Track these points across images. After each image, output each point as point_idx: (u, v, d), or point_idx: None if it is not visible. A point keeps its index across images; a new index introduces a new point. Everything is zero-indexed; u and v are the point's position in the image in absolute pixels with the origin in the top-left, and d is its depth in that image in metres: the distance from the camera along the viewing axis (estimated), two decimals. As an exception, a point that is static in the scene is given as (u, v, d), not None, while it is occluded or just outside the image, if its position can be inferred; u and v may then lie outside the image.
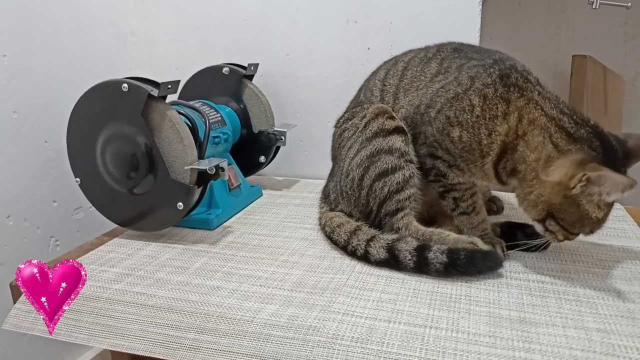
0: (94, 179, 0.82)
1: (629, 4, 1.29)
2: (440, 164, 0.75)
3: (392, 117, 0.78)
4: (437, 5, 1.02)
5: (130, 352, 0.61)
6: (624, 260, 0.73)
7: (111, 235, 0.87)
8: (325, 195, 0.91)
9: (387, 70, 0.85)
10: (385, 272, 0.71)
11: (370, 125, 0.79)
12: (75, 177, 0.84)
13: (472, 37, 1.02)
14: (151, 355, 0.60)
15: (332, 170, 0.90)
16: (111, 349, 0.62)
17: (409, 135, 0.78)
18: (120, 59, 1.21)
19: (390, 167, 0.75)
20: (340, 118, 0.90)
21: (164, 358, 0.59)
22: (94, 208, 0.85)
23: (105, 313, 0.64)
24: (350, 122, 0.85)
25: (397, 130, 0.77)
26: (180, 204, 0.78)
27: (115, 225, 0.87)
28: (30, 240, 0.97)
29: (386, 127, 0.77)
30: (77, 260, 0.77)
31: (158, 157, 0.78)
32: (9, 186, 0.93)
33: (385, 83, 0.84)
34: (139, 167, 0.79)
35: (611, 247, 0.77)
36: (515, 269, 0.71)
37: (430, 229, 0.76)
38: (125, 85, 0.76)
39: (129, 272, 0.73)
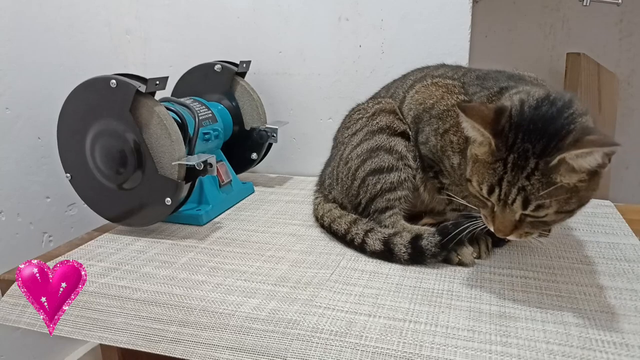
0: (84, 175, 0.83)
1: (620, 0, 1.29)
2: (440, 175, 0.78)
3: (401, 120, 0.80)
4: (429, 3, 1.03)
5: (114, 345, 0.61)
6: (609, 257, 0.73)
7: (101, 230, 0.88)
8: (321, 182, 0.92)
9: (415, 81, 0.82)
10: (369, 268, 0.71)
11: (379, 117, 0.80)
12: (66, 172, 0.85)
13: (462, 35, 1.02)
14: (134, 348, 0.60)
15: (331, 154, 0.91)
16: (95, 341, 0.63)
17: (411, 141, 0.79)
18: (114, 57, 1.22)
19: (387, 165, 0.77)
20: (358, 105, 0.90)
21: (147, 350, 0.60)
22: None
23: (90, 306, 0.65)
24: (362, 106, 0.86)
25: (403, 135, 0.78)
26: (168, 199, 0.79)
27: (107, 221, 0.88)
28: (23, 235, 0.98)
29: (394, 126, 0.78)
30: (66, 254, 0.78)
31: (146, 152, 0.78)
32: (2, 182, 0.94)
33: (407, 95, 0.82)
34: (127, 163, 0.79)
35: (598, 244, 0.77)
36: (500, 264, 0.71)
37: (417, 226, 0.77)
38: (114, 81, 0.77)
39: (116, 267, 0.73)
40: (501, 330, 0.55)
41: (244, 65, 1.07)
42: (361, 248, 0.75)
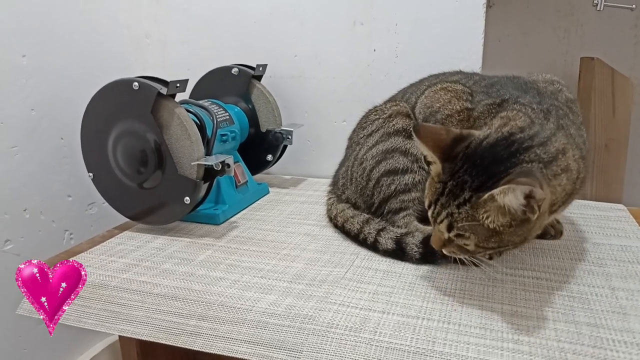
0: (106, 174, 0.86)
1: (634, 5, 1.29)
2: None
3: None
4: (442, 7, 1.04)
5: (136, 337, 0.64)
6: (621, 259, 0.73)
7: (121, 228, 0.90)
8: (335, 182, 0.94)
9: (428, 86, 0.84)
10: (383, 267, 0.72)
11: (396, 119, 0.82)
12: (88, 171, 0.87)
13: (476, 39, 1.03)
14: (155, 340, 0.62)
15: (346, 154, 0.93)
16: (118, 334, 0.65)
17: None
18: (134, 60, 1.25)
19: (401, 167, 0.78)
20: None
21: (167, 343, 0.62)
22: (106, 204, 0.89)
23: (113, 300, 0.67)
24: (379, 107, 0.88)
25: None
26: (187, 198, 0.81)
27: (126, 220, 0.91)
28: (45, 233, 1.02)
29: (410, 129, 0.79)
30: (88, 251, 0.81)
31: (166, 153, 0.81)
32: (26, 181, 0.97)
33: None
34: (148, 163, 0.82)
35: (610, 246, 0.78)
36: (512, 265, 0.72)
37: (430, 227, 0.77)
38: (136, 83, 0.79)
39: (137, 263, 0.76)
40: (513, 329, 0.56)
41: (261, 68, 1.09)
42: (374, 247, 0.77)
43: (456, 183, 0.58)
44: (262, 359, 0.57)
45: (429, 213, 0.63)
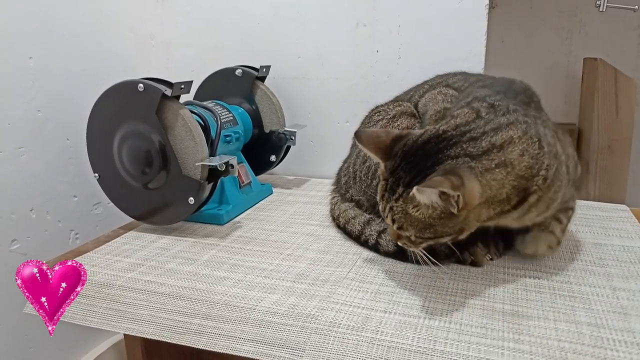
0: (111, 175, 0.87)
1: (637, 6, 1.29)
2: None
3: (421, 123, 0.82)
4: (445, 8, 1.05)
5: (141, 336, 0.64)
6: (623, 259, 0.73)
7: (126, 228, 0.91)
8: (337, 180, 0.95)
9: (431, 86, 0.86)
10: (385, 267, 0.73)
11: (400, 120, 0.83)
12: (94, 172, 0.88)
13: (479, 40, 1.03)
14: (159, 339, 0.63)
15: (350, 152, 0.94)
16: (123, 332, 0.66)
17: None
18: (138, 62, 1.26)
19: None
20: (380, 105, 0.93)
21: (171, 342, 0.63)
22: (111, 204, 0.90)
23: (118, 299, 0.68)
24: (382, 107, 0.89)
25: None
26: (192, 198, 0.82)
27: (131, 220, 0.92)
28: (51, 233, 1.03)
29: (415, 129, 0.80)
30: (94, 250, 0.82)
31: (171, 153, 0.81)
32: (33, 181, 0.98)
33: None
34: (153, 163, 0.83)
35: (612, 247, 0.78)
36: (514, 265, 0.72)
37: None
38: (141, 85, 0.80)
39: (142, 262, 0.77)
40: (514, 328, 0.57)
41: (264, 69, 1.10)
42: (375, 248, 0.77)
43: (394, 179, 0.62)
44: (266, 357, 0.58)
45: (380, 209, 0.66)
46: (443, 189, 0.54)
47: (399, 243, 0.66)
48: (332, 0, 1.12)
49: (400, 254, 0.74)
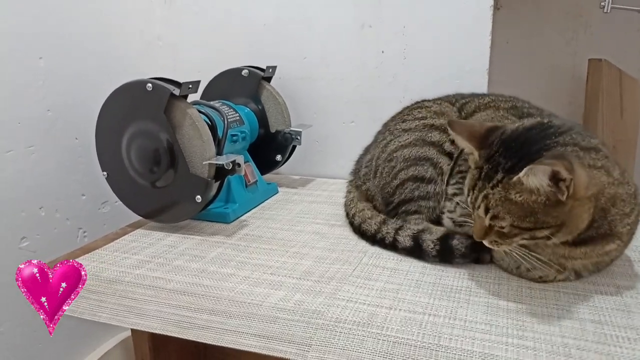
0: (120, 173, 0.88)
1: (642, 8, 1.29)
2: None
3: (453, 142, 0.81)
4: (450, 9, 1.05)
5: (149, 331, 0.65)
6: (627, 258, 0.74)
7: (134, 226, 0.93)
8: (356, 170, 0.95)
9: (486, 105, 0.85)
10: (390, 265, 0.74)
11: (436, 131, 0.83)
12: (103, 171, 0.90)
13: (483, 41, 1.04)
14: (166, 334, 0.64)
15: (375, 138, 0.94)
16: (131, 327, 0.67)
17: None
18: (146, 62, 1.27)
19: (429, 176, 0.80)
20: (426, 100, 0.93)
21: (178, 336, 0.64)
22: (119, 202, 0.91)
23: (127, 295, 0.69)
24: (426, 104, 0.90)
25: (450, 155, 0.82)
26: (199, 197, 0.83)
27: (139, 218, 0.93)
28: (60, 231, 1.04)
29: (445, 146, 0.82)
30: (103, 247, 0.83)
31: (179, 152, 0.83)
32: (42, 180, 1.00)
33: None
34: (160, 162, 0.84)
35: (616, 246, 0.78)
36: (518, 264, 0.73)
37: (443, 228, 0.79)
38: (150, 85, 0.81)
39: (150, 259, 0.78)
40: (518, 325, 0.57)
41: (270, 70, 1.11)
42: (392, 245, 0.78)
43: (491, 166, 0.60)
44: (272, 352, 0.59)
45: (468, 201, 0.64)
46: (558, 169, 0.52)
47: (485, 242, 0.63)
48: (337, 1, 1.13)
49: (417, 251, 0.75)
